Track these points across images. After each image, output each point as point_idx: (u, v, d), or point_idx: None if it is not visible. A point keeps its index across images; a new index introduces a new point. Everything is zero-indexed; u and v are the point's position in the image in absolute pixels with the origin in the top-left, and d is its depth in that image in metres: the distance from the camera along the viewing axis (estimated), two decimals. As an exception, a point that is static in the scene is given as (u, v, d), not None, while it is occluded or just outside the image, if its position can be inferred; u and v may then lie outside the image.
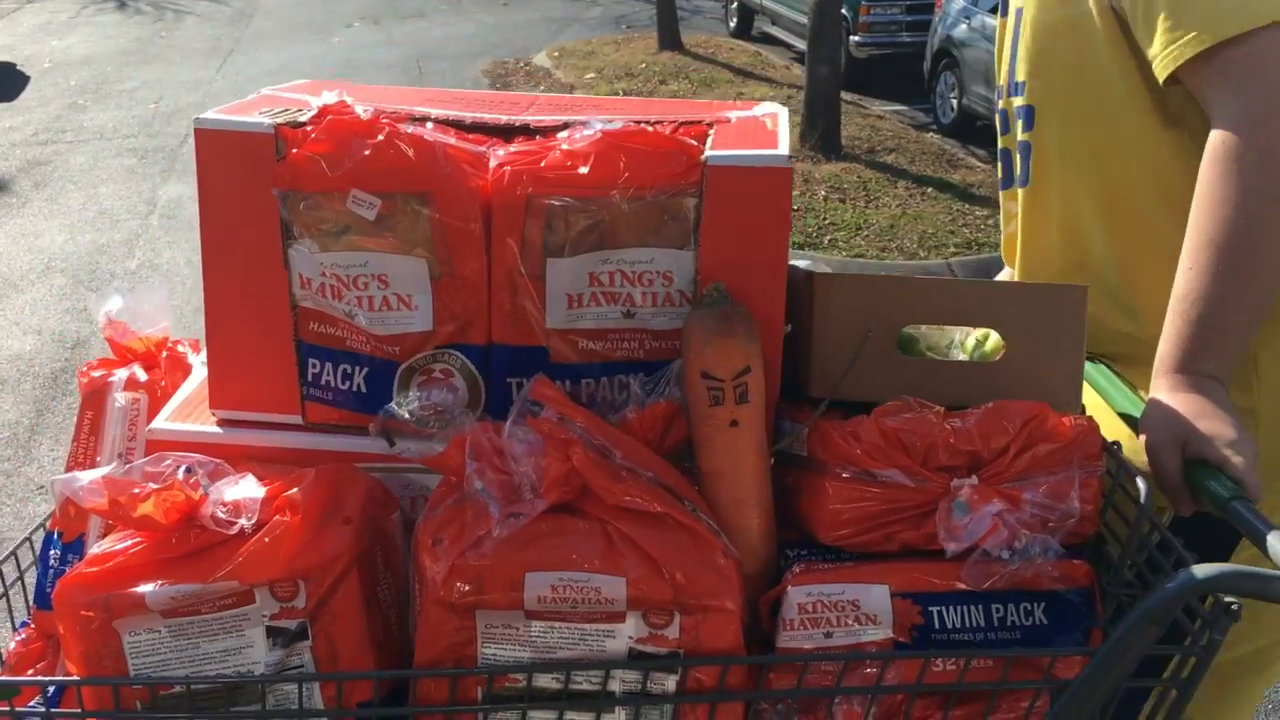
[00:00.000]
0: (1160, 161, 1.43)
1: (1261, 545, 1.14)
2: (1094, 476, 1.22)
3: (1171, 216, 1.39)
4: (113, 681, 1.18)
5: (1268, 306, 1.29)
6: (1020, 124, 1.56)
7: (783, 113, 1.40)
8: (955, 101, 9.16)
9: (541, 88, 11.87)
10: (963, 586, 1.17)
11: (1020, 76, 1.55)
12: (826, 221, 7.35)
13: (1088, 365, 1.43)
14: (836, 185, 7.93)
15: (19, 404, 5.17)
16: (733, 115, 1.40)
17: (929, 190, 7.90)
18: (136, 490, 1.19)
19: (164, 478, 1.20)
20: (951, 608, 1.18)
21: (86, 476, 1.19)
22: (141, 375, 1.47)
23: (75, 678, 1.20)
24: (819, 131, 8.36)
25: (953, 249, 6.64)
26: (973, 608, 1.18)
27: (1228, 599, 1.07)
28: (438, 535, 1.14)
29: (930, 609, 1.18)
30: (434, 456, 1.18)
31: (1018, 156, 1.59)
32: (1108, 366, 1.46)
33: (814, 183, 7.98)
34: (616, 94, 11.01)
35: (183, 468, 1.21)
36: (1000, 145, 1.66)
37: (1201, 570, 1.05)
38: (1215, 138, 1.28)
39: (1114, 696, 1.17)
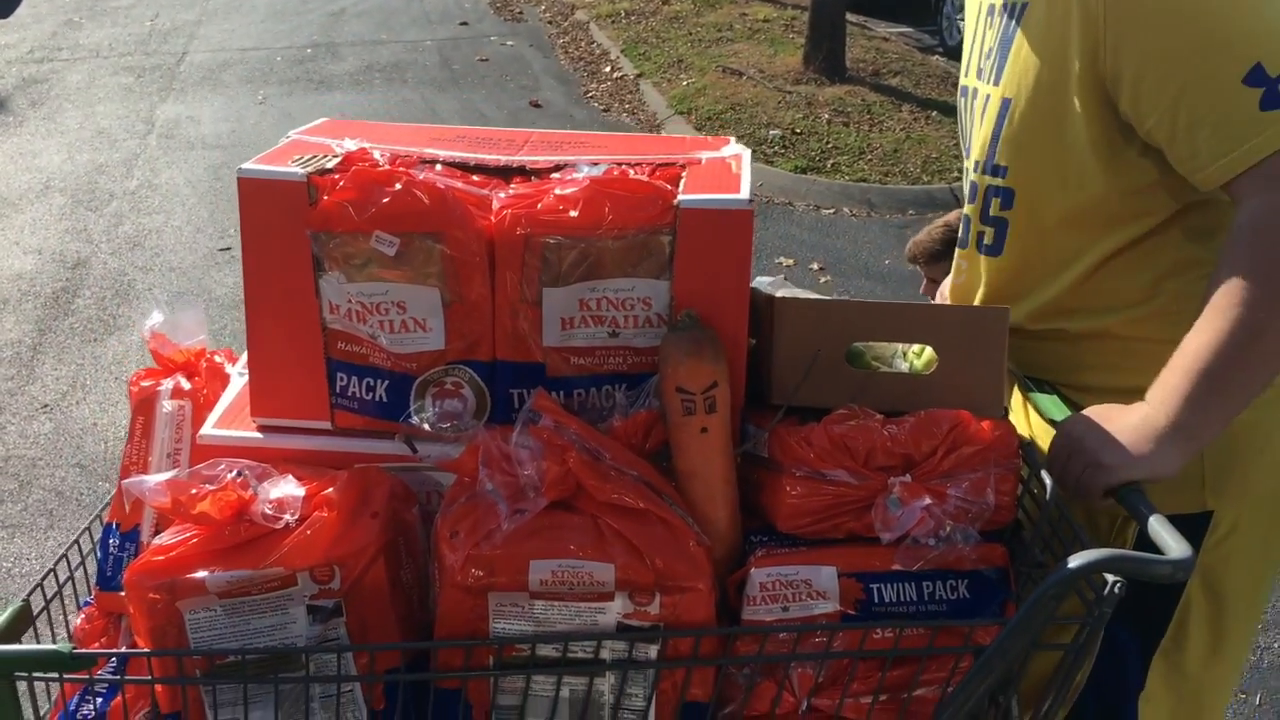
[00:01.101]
0: (1111, 209, 1.61)
1: (1144, 526, 1.36)
2: (1010, 473, 1.43)
3: (1111, 242, 1.61)
4: (177, 653, 1.38)
5: (1260, 387, 1.46)
6: (998, 202, 1.71)
7: (745, 154, 1.60)
8: (962, 24, 9.14)
9: (542, 8, 11.86)
10: (898, 567, 1.39)
11: (1002, 160, 1.68)
12: (829, 145, 7.37)
13: (1042, 395, 1.65)
14: (840, 109, 7.89)
15: (21, 324, 5.26)
16: (703, 156, 1.60)
17: (933, 114, 7.86)
18: (194, 491, 1.39)
19: (218, 480, 1.40)
20: (888, 585, 1.40)
21: (152, 480, 1.39)
22: (185, 384, 1.67)
23: (144, 650, 1.41)
24: (823, 53, 8.25)
25: (955, 174, 6.64)
26: (906, 585, 1.40)
27: (1113, 577, 1.29)
28: (454, 529, 1.35)
29: (871, 586, 1.40)
30: (451, 461, 1.39)
31: (987, 230, 1.75)
32: (1061, 397, 1.66)
33: (817, 106, 7.94)
34: (618, 14, 10.94)
35: (234, 471, 1.41)
36: (966, 212, 1.81)
37: (1091, 554, 1.27)
38: (1246, 225, 1.45)
39: (1023, 657, 1.38)
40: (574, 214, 1.42)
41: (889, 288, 5.82)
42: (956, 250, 1.85)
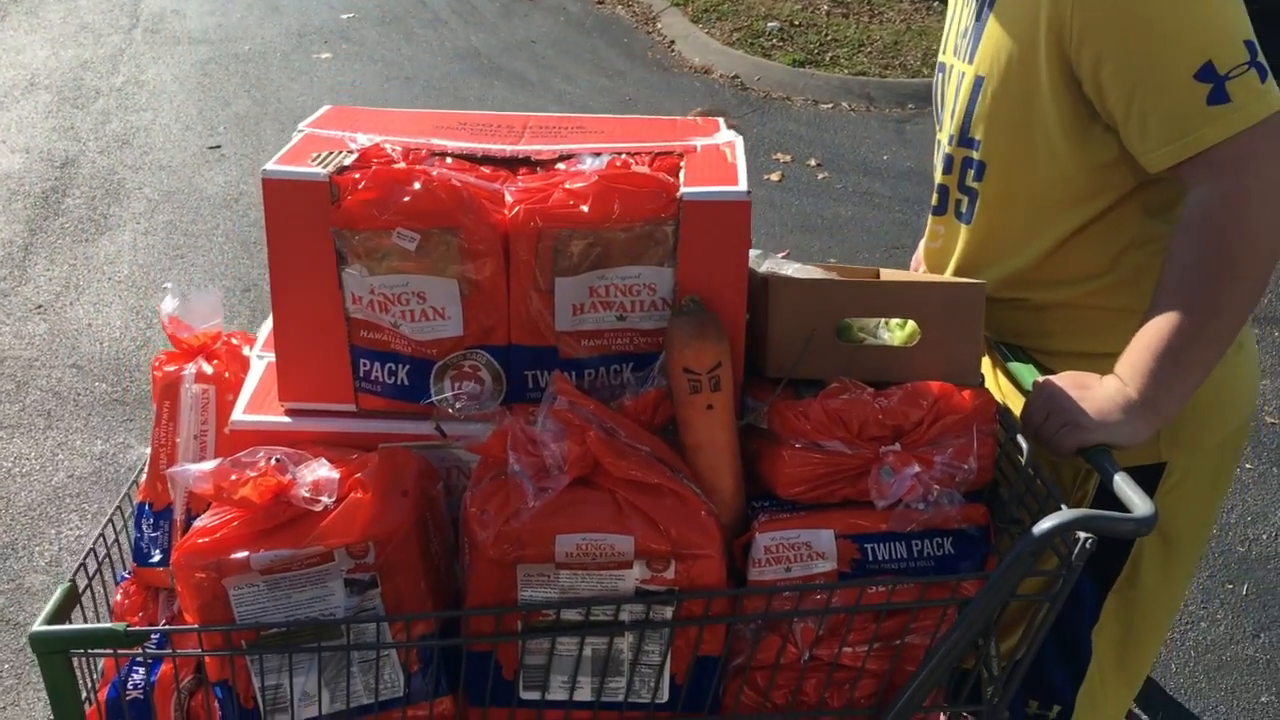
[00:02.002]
0: (1077, 184, 1.73)
1: (1110, 483, 1.50)
2: (989, 437, 1.56)
3: (1075, 218, 1.74)
4: (225, 628, 1.49)
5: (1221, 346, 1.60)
6: (971, 174, 1.84)
7: (739, 140, 1.70)
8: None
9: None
10: (890, 529, 1.52)
11: (976, 135, 1.80)
12: (828, 38, 7.28)
13: (1019, 365, 1.79)
14: (839, 0, 7.84)
15: (11, 223, 5.24)
16: (698, 144, 1.69)
17: (935, 6, 7.79)
18: (234, 477, 1.48)
19: (257, 467, 1.50)
20: (881, 545, 1.53)
21: (195, 469, 1.48)
22: (207, 369, 1.76)
23: (194, 626, 1.51)
24: (823, -59, 8.20)
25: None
26: (897, 544, 1.53)
27: (1083, 534, 1.42)
28: (484, 507, 1.46)
29: (865, 546, 1.53)
30: (480, 444, 1.50)
31: (964, 199, 1.87)
32: (1036, 365, 1.79)
33: (816, -5, 7.87)
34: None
35: (273, 458, 1.51)
36: (940, 181, 1.93)
37: (1065, 515, 1.41)
38: (1195, 213, 1.58)
39: (1003, 607, 1.53)
40: (584, 208, 1.51)
41: (887, 184, 5.87)
42: (932, 217, 1.97)
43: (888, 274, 2.02)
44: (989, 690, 1.63)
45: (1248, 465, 4.02)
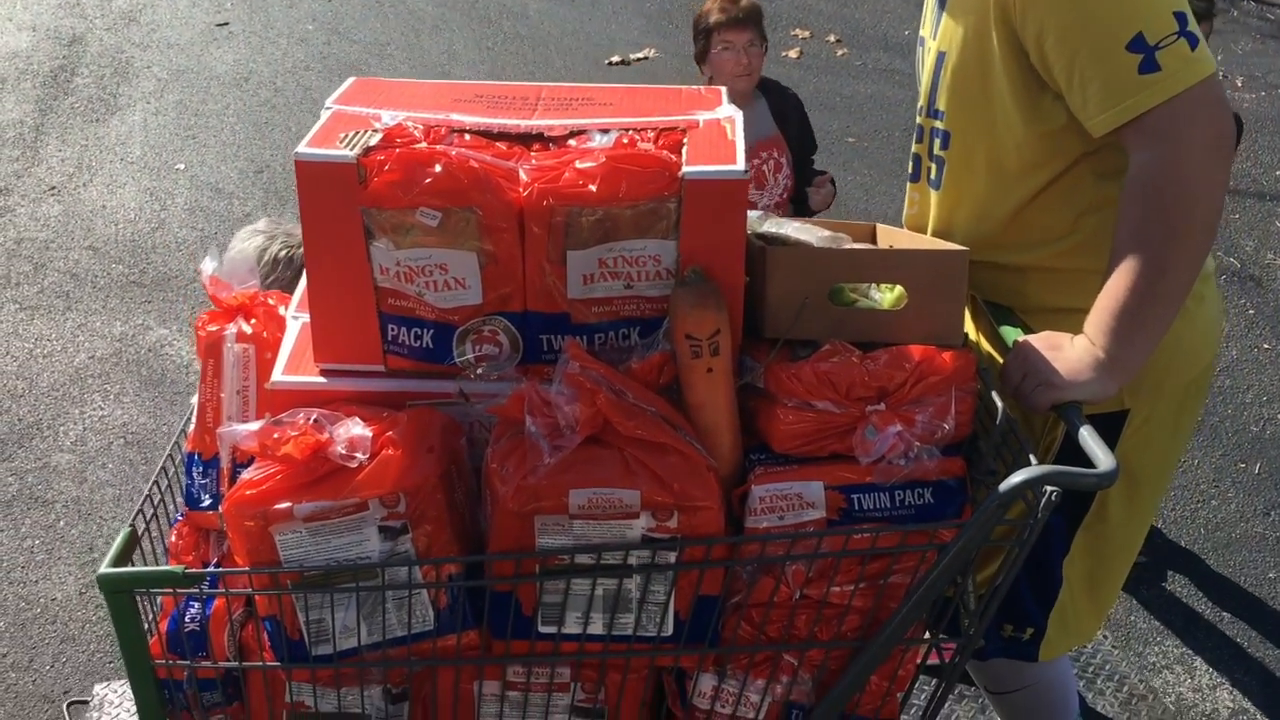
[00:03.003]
0: (1030, 150, 1.86)
1: (1076, 436, 1.64)
2: (968, 395, 1.70)
3: (1033, 183, 1.87)
4: (272, 570, 1.65)
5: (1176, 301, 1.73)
6: (938, 143, 1.97)
7: (738, 115, 1.81)
8: None
9: None
10: (874, 481, 1.66)
11: (941, 105, 1.94)
12: None
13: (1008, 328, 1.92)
14: None
15: (21, 104, 5.30)
16: (700, 118, 1.80)
17: None
18: (277, 436, 1.64)
19: (298, 426, 1.65)
20: (866, 495, 1.67)
21: (242, 430, 1.64)
22: (246, 328, 1.90)
23: (244, 568, 1.67)
24: None
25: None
26: (881, 494, 1.67)
27: (1049, 488, 1.56)
28: (504, 463, 1.61)
29: (852, 496, 1.67)
30: (500, 406, 1.64)
31: (933, 165, 2.01)
32: (1023, 327, 1.92)
33: None
34: None
35: (311, 418, 1.66)
36: (914, 150, 2.07)
37: (1034, 470, 1.55)
38: (1136, 177, 1.71)
39: (977, 550, 1.67)
40: (593, 187, 1.63)
41: (908, 60, 5.81)
42: (909, 184, 2.09)
43: (884, 230, 2.14)
44: (965, 622, 1.79)
45: (1265, 345, 4.07)
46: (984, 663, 2.33)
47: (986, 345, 2.01)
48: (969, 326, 2.04)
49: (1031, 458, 1.63)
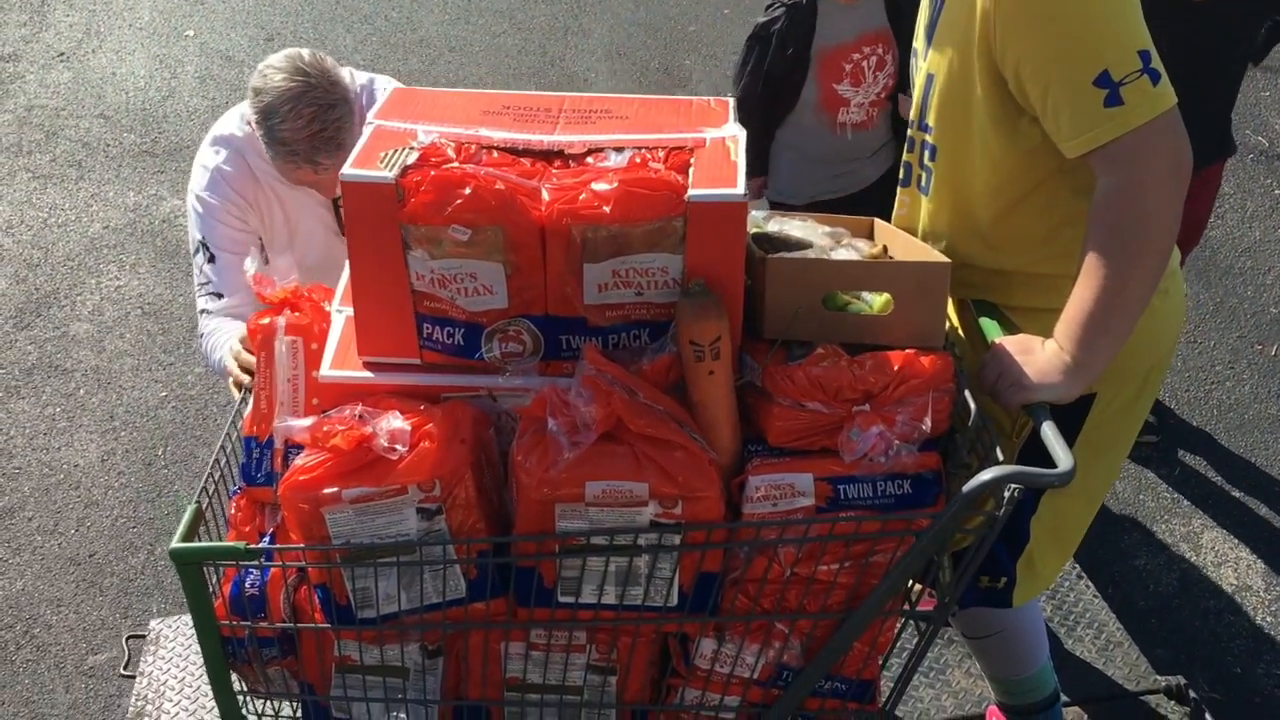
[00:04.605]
0: (1008, 166, 2.03)
1: (1039, 431, 1.83)
2: (945, 395, 1.88)
3: (1013, 197, 2.04)
4: (324, 547, 1.87)
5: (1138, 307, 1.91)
6: (927, 154, 2.15)
7: (742, 134, 1.97)
8: None
9: None
10: (858, 473, 1.86)
11: (930, 122, 2.11)
12: None
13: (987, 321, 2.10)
14: None
15: None
16: (707, 136, 1.97)
17: None
18: (326, 429, 1.84)
19: (345, 420, 1.85)
20: (851, 485, 1.86)
21: (297, 424, 1.84)
22: (294, 321, 2.10)
23: (299, 545, 1.89)
24: None
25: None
26: (864, 485, 1.86)
27: (1013, 485, 1.75)
28: (528, 457, 1.81)
29: (838, 486, 1.86)
30: (524, 407, 1.84)
31: (923, 174, 2.19)
32: (1002, 322, 2.09)
33: None
34: None
35: (356, 413, 1.86)
36: (905, 158, 2.25)
37: (999, 470, 1.73)
38: (1100, 199, 1.88)
39: (948, 537, 1.87)
40: (607, 209, 1.81)
41: None
42: (900, 188, 2.26)
43: (881, 227, 2.30)
44: (941, 591, 1.99)
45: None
46: (962, 610, 2.55)
47: (965, 337, 2.19)
48: (955, 322, 2.22)
49: (999, 454, 1.81)
